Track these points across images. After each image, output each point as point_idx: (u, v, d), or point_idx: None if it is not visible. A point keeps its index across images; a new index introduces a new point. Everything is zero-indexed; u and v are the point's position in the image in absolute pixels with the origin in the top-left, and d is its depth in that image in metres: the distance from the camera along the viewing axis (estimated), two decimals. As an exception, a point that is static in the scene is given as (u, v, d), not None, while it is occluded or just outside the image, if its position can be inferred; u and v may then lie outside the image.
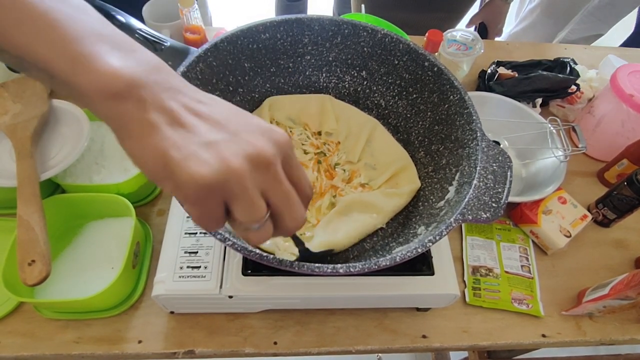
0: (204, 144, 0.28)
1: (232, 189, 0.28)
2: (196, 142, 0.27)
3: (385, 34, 0.63)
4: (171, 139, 0.27)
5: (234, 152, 0.28)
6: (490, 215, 0.47)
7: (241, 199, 0.28)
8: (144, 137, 0.27)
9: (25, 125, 0.64)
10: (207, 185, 0.27)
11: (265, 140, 0.29)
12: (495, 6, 1.26)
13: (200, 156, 0.27)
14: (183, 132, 0.28)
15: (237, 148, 0.28)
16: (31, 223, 0.54)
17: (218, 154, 0.27)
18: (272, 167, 0.29)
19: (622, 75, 0.83)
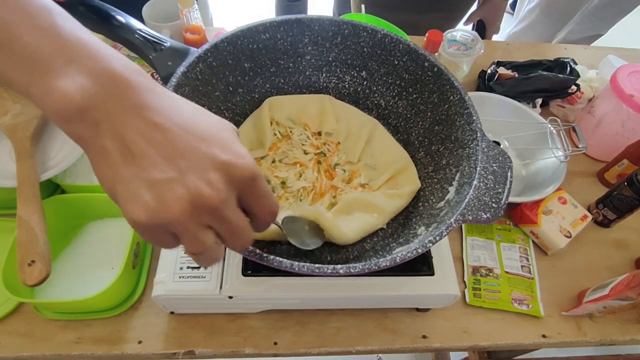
0: (149, 183, 0.27)
1: (173, 229, 0.28)
2: (142, 179, 0.27)
3: (385, 34, 0.63)
4: (119, 172, 0.27)
5: (177, 196, 0.27)
6: (490, 215, 0.47)
7: (184, 236, 0.29)
8: (99, 163, 0.28)
9: (26, 126, 0.64)
10: (146, 227, 0.27)
11: (216, 181, 0.28)
12: (493, 4, 1.26)
13: (142, 198, 0.27)
14: (132, 165, 0.27)
15: (182, 191, 0.27)
16: (31, 223, 0.54)
17: (160, 197, 0.27)
18: (217, 211, 0.29)
19: (622, 76, 0.83)
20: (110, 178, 0.27)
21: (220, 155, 0.29)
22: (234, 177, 0.29)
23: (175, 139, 0.28)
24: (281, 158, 0.65)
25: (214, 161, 0.29)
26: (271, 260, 0.41)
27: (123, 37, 0.57)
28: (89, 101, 0.26)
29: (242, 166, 0.29)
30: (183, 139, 0.28)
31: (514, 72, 0.96)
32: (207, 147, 0.29)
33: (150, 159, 0.27)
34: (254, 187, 0.31)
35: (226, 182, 0.29)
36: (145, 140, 0.27)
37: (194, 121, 0.30)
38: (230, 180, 0.29)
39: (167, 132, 0.28)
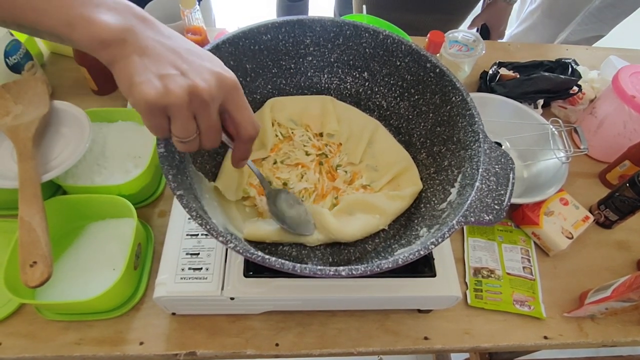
0: (159, 75, 0.36)
1: (171, 111, 0.36)
2: (154, 72, 0.36)
3: (387, 35, 0.63)
4: (137, 67, 0.36)
5: (179, 85, 0.36)
6: (492, 217, 0.47)
7: (177, 119, 0.37)
8: (122, 69, 0.36)
9: (27, 127, 0.64)
10: (151, 104, 0.35)
11: (209, 81, 0.37)
12: (498, 8, 1.26)
13: (153, 83, 0.35)
14: (147, 62, 0.36)
15: (183, 83, 0.36)
16: (33, 224, 0.54)
17: (166, 84, 0.35)
18: (206, 104, 0.38)
19: (624, 77, 0.83)
20: (129, 72, 0.35)
21: (213, 67, 0.39)
22: (222, 82, 0.38)
23: (181, 52, 0.38)
24: (283, 159, 0.65)
25: (208, 69, 0.38)
26: (273, 262, 0.41)
27: None
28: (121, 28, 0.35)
29: (229, 76, 0.39)
30: (186, 53, 0.38)
31: (516, 73, 0.96)
32: (203, 61, 0.39)
33: (162, 60, 0.37)
34: (237, 95, 0.40)
35: (216, 84, 0.38)
36: (159, 49, 0.37)
37: (193, 46, 0.40)
38: (219, 84, 0.38)
39: (174, 48, 0.38)
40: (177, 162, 0.48)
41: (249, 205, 0.61)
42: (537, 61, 0.99)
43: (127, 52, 0.36)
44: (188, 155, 0.54)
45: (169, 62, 0.37)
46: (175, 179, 0.44)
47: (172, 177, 0.44)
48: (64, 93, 0.87)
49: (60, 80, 0.89)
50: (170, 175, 0.44)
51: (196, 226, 0.60)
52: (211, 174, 0.61)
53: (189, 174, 0.52)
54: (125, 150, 0.72)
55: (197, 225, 0.60)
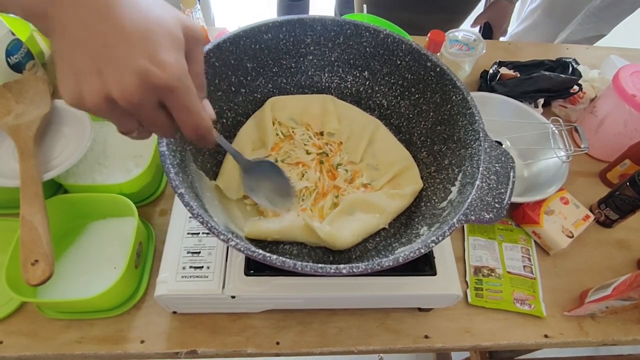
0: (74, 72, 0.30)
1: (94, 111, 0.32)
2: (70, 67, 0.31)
3: (388, 34, 0.63)
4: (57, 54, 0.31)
5: (92, 91, 0.30)
6: (493, 215, 0.47)
7: (108, 119, 0.33)
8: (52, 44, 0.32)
9: (28, 126, 0.64)
10: (73, 105, 0.32)
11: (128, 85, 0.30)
12: (500, 6, 1.26)
13: (69, 85, 0.31)
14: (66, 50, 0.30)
15: (96, 88, 0.30)
16: (34, 223, 0.54)
17: (80, 88, 0.31)
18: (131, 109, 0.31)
19: (624, 76, 0.83)
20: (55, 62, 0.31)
21: (139, 61, 0.30)
22: (149, 84, 0.31)
23: (108, 37, 0.30)
24: (283, 158, 0.65)
25: (132, 67, 0.30)
26: (274, 260, 0.41)
27: None
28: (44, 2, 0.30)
29: (157, 75, 0.30)
30: (114, 38, 0.30)
31: (516, 72, 0.96)
32: (130, 48, 0.30)
33: (79, 49, 0.30)
34: (172, 98, 0.32)
35: (140, 87, 0.30)
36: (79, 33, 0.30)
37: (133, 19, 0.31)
38: (145, 86, 0.30)
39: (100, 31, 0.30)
40: (178, 161, 0.48)
41: (249, 204, 0.61)
42: (538, 60, 0.99)
43: (50, 28, 0.31)
44: (189, 154, 0.54)
45: (88, 54, 0.30)
46: (176, 177, 0.44)
47: (174, 176, 0.44)
48: (65, 92, 0.87)
49: (61, 79, 0.89)
50: (172, 173, 0.44)
51: (197, 225, 0.60)
52: (212, 172, 0.61)
53: (190, 172, 0.53)
54: (126, 149, 0.72)
55: (198, 224, 0.60)
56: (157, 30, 0.31)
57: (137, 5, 0.31)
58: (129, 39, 0.30)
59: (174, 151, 0.48)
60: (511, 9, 1.28)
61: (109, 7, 0.30)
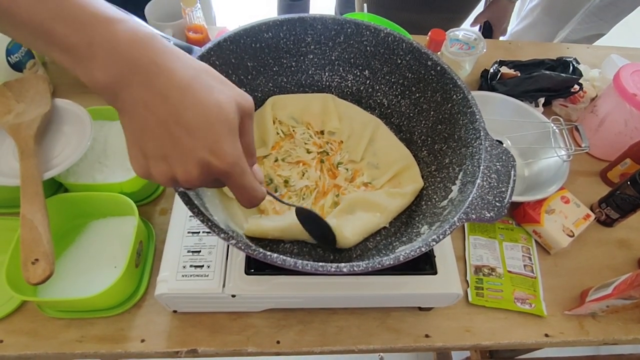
0: (144, 152, 0.34)
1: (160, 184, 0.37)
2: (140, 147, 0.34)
3: (388, 33, 0.63)
4: (128, 130, 0.34)
5: (160, 172, 0.35)
6: (494, 214, 0.47)
7: None
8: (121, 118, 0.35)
9: (29, 125, 0.64)
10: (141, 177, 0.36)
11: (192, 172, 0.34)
12: (500, 5, 1.26)
13: (138, 161, 0.35)
14: (134, 129, 0.34)
15: (164, 170, 0.35)
16: (34, 222, 0.54)
17: (149, 167, 0.35)
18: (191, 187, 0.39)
19: (625, 75, 0.83)
20: (126, 135, 0.35)
21: (199, 153, 0.34)
22: (209, 172, 0.35)
23: (170, 125, 0.33)
24: (284, 157, 0.65)
25: (194, 156, 0.34)
26: (275, 259, 0.41)
27: None
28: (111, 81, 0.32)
29: (216, 165, 0.34)
30: (176, 126, 0.33)
31: (517, 72, 0.96)
32: (193, 143, 0.33)
33: (147, 134, 0.34)
34: (229, 181, 0.36)
35: (201, 175, 0.35)
36: (145, 118, 0.33)
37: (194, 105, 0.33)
38: (205, 173, 0.35)
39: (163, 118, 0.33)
40: (178, 160, 0.48)
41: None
42: (538, 60, 0.99)
43: (119, 105, 0.34)
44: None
45: (155, 141, 0.34)
46: (176, 176, 0.44)
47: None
48: (65, 91, 0.87)
49: (61, 78, 0.89)
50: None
51: (197, 224, 0.60)
52: (212, 171, 0.61)
53: (191, 171, 0.52)
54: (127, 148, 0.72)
55: (199, 223, 0.59)
56: (216, 120, 0.34)
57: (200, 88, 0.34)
58: (190, 131, 0.33)
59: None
60: (511, 8, 1.28)
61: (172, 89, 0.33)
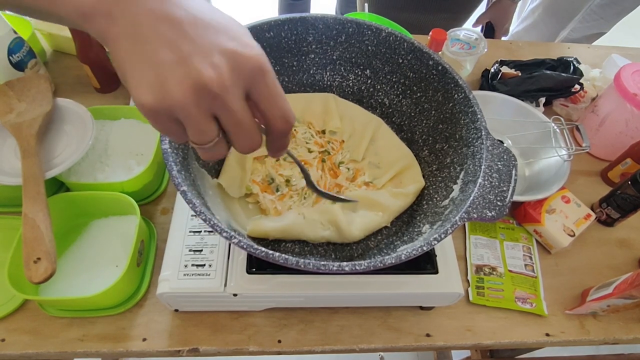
0: (153, 65, 0.27)
1: (177, 113, 0.28)
2: (147, 62, 0.28)
3: (390, 32, 0.63)
4: (127, 60, 0.28)
5: (179, 78, 0.27)
6: (495, 213, 0.47)
7: (187, 123, 0.29)
8: (113, 50, 0.29)
9: (30, 124, 0.64)
10: (152, 111, 0.28)
11: (220, 66, 0.28)
12: (502, 5, 1.26)
13: (147, 81, 0.27)
14: (139, 49, 0.28)
15: (184, 73, 0.27)
16: (36, 221, 0.54)
17: (163, 80, 0.27)
18: (220, 97, 0.28)
19: (625, 75, 0.83)
20: (122, 69, 0.28)
21: (226, 43, 0.29)
22: (240, 65, 0.29)
23: (184, 24, 0.28)
24: (285, 156, 0.65)
25: (219, 47, 0.28)
26: (277, 258, 0.41)
27: None
28: None
29: (248, 55, 0.29)
30: (192, 25, 0.28)
31: (517, 71, 0.96)
32: (213, 34, 0.29)
33: (156, 42, 0.28)
34: (262, 81, 0.31)
35: (231, 70, 0.29)
36: (153, 24, 0.28)
37: (205, 12, 0.30)
38: (235, 67, 0.29)
39: (176, 18, 0.28)
40: (180, 159, 0.48)
41: (252, 202, 0.61)
42: (539, 59, 0.99)
43: (114, 31, 0.28)
44: (191, 151, 0.54)
45: (166, 43, 0.28)
46: (179, 175, 0.44)
47: (176, 173, 0.44)
48: (66, 91, 0.88)
49: (62, 78, 0.89)
50: (174, 171, 0.44)
51: (199, 223, 0.60)
52: (214, 170, 0.61)
53: (192, 170, 0.53)
54: (128, 147, 0.72)
55: (200, 222, 0.60)
56: (227, 18, 0.31)
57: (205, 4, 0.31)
58: (212, 27, 0.29)
59: (177, 149, 0.48)
60: (513, 9, 1.28)
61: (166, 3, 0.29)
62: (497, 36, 1.31)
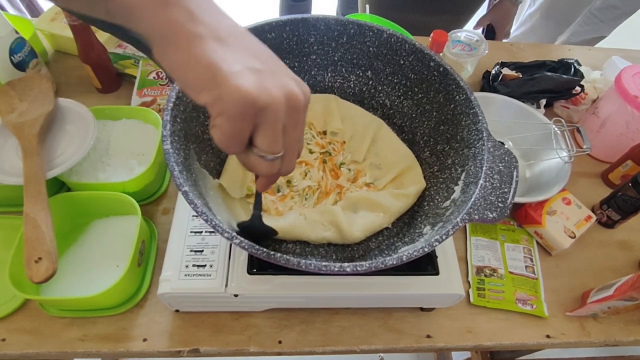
0: (249, 68, 0.29)
1: (266, 115, 0.30)
2: (242, 64, 0.29)
3: (391, 34, 0.63)
4: (220, 53, 0.29)
5: (275, 84, 0.30)
6: (496, 215, 0.48)
7: (269, 127, 0.31)
8: (191, 47, 0.29)
9: (32, 123, 0.64)
10: (250, 102, 0.28)
11: (298, 86, 0.32)
12: (503, 8, 1.26)
13: (248, 76, 0.29)
14: (229, 51, 0.29)
15: (278, 83, 0.30)
16: (38, 221, 0.54)
17: (262, 80, 0.29)
18: (299, 111, 0.32)
19: (626, 77, 0.83)
20: (210, 58, 0.28)
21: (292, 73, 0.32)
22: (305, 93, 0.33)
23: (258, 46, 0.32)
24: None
25: (292, 74, 0.32)
26: (278, 258, 0.41)
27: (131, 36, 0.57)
28: None
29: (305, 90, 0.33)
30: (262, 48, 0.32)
31: (518, 73, 0.96)
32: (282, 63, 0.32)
33: (244, 53, 0.30)
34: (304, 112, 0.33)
35: (303, 94, 0.32)
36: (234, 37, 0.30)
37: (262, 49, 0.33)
38: (304, 93, 0.32)
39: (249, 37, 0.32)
40: (182, 159, 0.48)
41: (253, 203, 0.61)
42: (540, 61, 1.00)
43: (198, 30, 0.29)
44: (192, 152, 0.54)
45: (252, 55, 0.30)
46: (180, 176, 0.44)
47: (178, 174, 0.44)
48: (68, 91, 0.88)
49: (64, 78, 0.90)
50: (176, 171, 0.44)
51: (200, 223, 0.60)
52: (215, 171, 0.61)
53: (194, 170, 0.53)
54: (129, 147, 0.72)
55: (201, 223, 0.60)
56: None
57: None
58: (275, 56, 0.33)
59: (178, 149, 0.48)
60: (514, 11, 1.28)
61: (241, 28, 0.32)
62: (498, 38, 1.31)
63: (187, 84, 0.30)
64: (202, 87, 0.29)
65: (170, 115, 0.48)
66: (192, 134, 0.55)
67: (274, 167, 0.33)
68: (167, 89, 0.84)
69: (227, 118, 0.29)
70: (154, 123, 0.74)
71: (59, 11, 0.92)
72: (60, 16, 0.91)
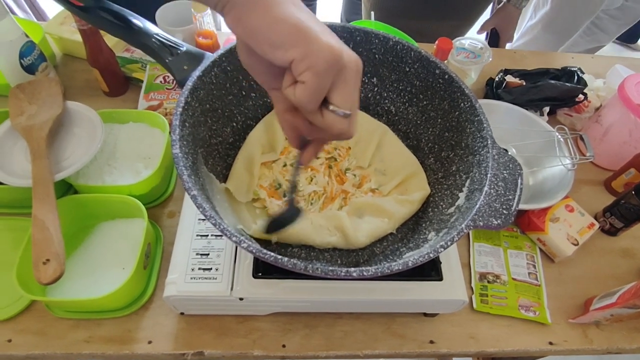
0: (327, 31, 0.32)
1: (346, 72, 0.33)
2: (321, 26, 0.32)
3: (397, 41, 0.64)
4: (303, 15, 0.32)
5: (350, 51, 0.33)
6: (501, 221, 0.48)
7: (348, 84, 0.33)
8: (275, 9, 0.31)
9: (41, 126, 0.65)
10: (336, 59, 0.31)
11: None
12: (507, 12, 1.27)
13: (330, 36, 0.32)
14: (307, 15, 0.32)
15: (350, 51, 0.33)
16: (46, 222, 0.54)
17: (342, 47, 0.32)
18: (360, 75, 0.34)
19: (629, 85, 0.83)
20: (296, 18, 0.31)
21: None
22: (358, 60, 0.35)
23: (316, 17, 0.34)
24: (292, 162, 0.66)
25: None
26: (285, 262, 0.42)
27: (140, 41, 0.58)
28: None
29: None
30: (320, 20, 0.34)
31: (522, 81, 0.97)
32: None
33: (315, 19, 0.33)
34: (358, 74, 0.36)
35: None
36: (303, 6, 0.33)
37: None
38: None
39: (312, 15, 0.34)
40: (190, 163, 0.49)
41: (259, 207, 0.62)
42: (543, 69, 1.00)
43: None
44: (200, 156, 0.55)
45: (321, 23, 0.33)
46: (189, 179, 0.45)
47: (187, 178, 0.45)
48: (75, 94, 0.89)
49: (72, 81, 0.91)
50: (185, 175, 0.45)
51: (206, 227, 0.60)
52: (222, 175, 0.62)
53: (201, 175, 0.53)
54: (136, 151, 0.73)
55: (207, 226, 0.60)
56: None
57: None
58: None
59: (187, 153, 0.49)
60: (517, 15, 1.29)
61: None
62: (502, 43, 1.32)
63: (273, 43, 0.31)
64: (291, 44, 0.31)
65: (180, 119, 0.48)
66: (200, 138, 0.56)
67: (347, 124, 0.36)
68: (174, 93, 0.84)
69: (315, 73, 0.31)
70: (161, 127, 0.75)
71: (68, 15, 0.93)
72: (70, 20, 0.92)
